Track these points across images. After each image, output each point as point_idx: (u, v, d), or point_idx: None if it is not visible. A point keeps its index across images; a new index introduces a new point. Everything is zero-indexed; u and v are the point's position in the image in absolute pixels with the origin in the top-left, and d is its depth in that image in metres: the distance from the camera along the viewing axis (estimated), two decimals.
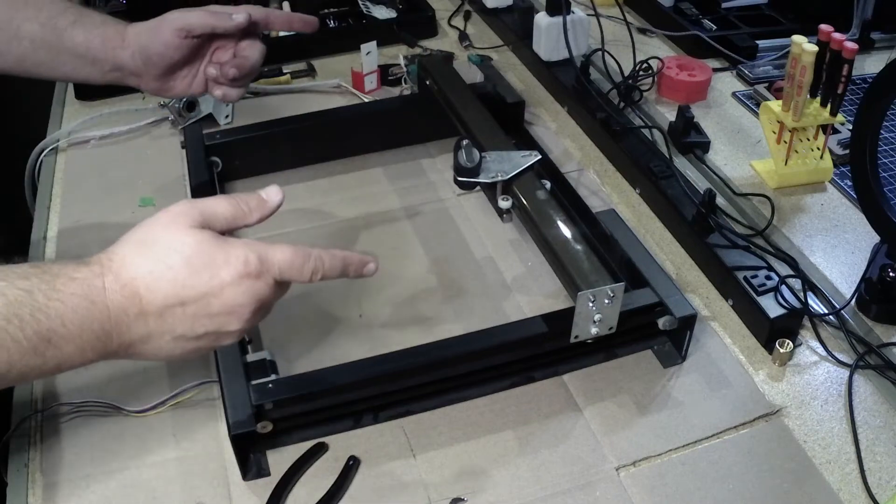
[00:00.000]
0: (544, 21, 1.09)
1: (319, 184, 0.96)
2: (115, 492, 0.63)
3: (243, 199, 0.57)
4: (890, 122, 1.03)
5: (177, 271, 0.52)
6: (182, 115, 1.03)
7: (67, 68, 0.78)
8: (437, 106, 0.96)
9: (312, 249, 0.56)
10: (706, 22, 1.24)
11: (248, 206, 0.57)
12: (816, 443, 0.67)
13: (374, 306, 0.79)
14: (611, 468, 0.65)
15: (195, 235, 0.53)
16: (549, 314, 0.71)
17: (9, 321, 0.47)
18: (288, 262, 0.55)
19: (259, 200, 0.57)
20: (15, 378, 0.48)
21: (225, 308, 0.53)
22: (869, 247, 0.82)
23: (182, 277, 0.51)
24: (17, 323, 0.47)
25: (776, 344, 0.73)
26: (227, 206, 0.56)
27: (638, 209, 0.93)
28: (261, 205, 0.57)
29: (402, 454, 0.66)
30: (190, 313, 0.52)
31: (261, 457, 0.66)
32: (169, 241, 0.52)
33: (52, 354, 0.49)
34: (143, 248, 0.52)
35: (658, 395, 0.71)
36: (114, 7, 1.25)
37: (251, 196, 0.57)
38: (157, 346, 0.53)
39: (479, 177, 0.77)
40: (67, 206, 0.93)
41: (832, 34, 0.81)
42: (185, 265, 0.52)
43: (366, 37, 1.10)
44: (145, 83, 0.81)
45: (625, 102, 1.05)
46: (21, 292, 0.48)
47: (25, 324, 0.47)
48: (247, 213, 0.57)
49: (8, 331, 0.47)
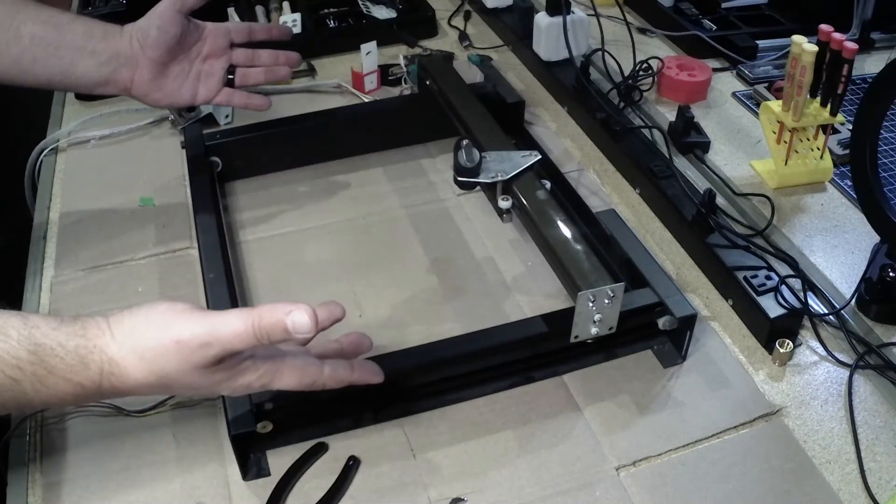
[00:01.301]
0: (544, 21, 1.09)
1: (319, 184, 0.96)
2: (115, 492, 0.63)
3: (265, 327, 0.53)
4: (890, 122, 1.03)
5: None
6: (182, 115, 1.03)
7: (65, 62, 0.78)
8: (437, 106, 0.96)
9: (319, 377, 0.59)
10: (706, 22, 1.24)
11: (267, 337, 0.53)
12: (816, 443, 0.67)
13: (374, 306, 0.79)
14: (611, 468, 0.65)
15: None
16: (549, 314, 0.71)
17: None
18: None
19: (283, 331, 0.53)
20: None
21: (190, 387, 0.55)
22: (869, 247, 0.82)
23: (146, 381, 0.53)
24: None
25: (776, 344, 0.73)
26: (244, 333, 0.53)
27: (638, 209, 0.93)
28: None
29: (402, 454, 0.66)
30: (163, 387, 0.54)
31: (261, 457, 0.66)
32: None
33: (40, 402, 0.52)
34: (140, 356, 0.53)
35: (658, 395, 0.71)
36: (114, 7, 1.25)
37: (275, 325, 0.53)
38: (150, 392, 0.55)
39: (479, 177, 0.77)
40: (67, 206, 0.93)
41: (832, 34, 0.81)
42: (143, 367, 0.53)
43: (366, 37, 1.11)
44: (139, 76, 0.81)
45: (625, 102, 1.05)
46: (8, 380, 0.50)
47: (8, 407, 0.52)
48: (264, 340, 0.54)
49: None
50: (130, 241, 0.87)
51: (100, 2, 1.28)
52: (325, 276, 0.83)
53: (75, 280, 0.83)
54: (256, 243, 0.88)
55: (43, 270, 0.84)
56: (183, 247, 0.86)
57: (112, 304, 0.79)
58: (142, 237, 0.88)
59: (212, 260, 0.78)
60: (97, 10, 1.25)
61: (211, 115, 1.05)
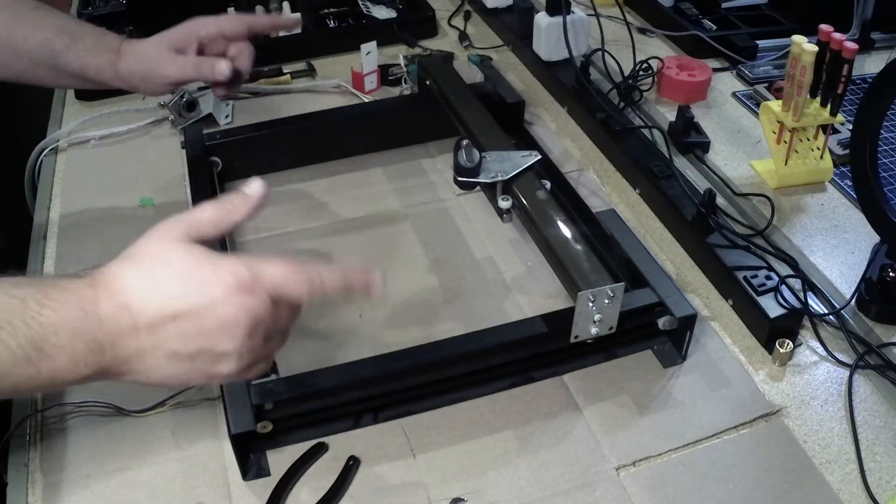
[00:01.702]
0: (544, 21, 1.09)
1: (319, 184, 0.96)
2: (115, 492, 0.63)
3: (227, 198, 0.56)
4: (890, 122, 1.03)
5: (167, 284, 0.51)
6: (182, 115, 1.03)
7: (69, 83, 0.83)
8: (437, 106, 0.96)
9: (310, 263, 0.54)
10: (706, 22, 1.24)
11: (231, 204, 0.56)
12: (816, 443, 0.67)
13: (374, 306, 0.79)
14: (611, 468, 0.65)
15: (186, 249, 0.52)
16: (549, 314, 0.71)
17: (1, 327, 0.47)
18: (281, 275, 0.52)
19: (243, 196, 0.56)
20: (9, 389, 0.48)
21: (217, 323, 0.51)
22: (869, 247, 0.82)
23: (172, 290, 0.50)
24: (10, 329, 0.47)
25: (776, 344, 0.73)
26: (211, 209, 0.55)
27: (638, 209, 0.93)
28: (245, 200, 0.56)
29: (402, 454, 0.66)
30: (182, 328, 0.51)
31: (261, 457, 0.66)
32: (159, 254, 0.52)
33: (46, 365, 0.48)
34: (134, 262, 0.52)
35: (658, 395, 0.71)
36: (114, 7, 1.25)
37: (234, 194, 0.56)
38: (152, 363, 0.51)
39: (479, 177, 0.77)
40: (67, 206, 0.93)
41: (832, 34, 0.81)
42: (175, 278, 0.51)
43: (366, 37, 1.10)
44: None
45: (625, 102, 1.05)
46: (13, 300, 0.48)
47: (17, 331, 0.47)
48: (231, 210, 0.55)
49: (0, 337, 0.47)
50: (130, 241, 0.86)
51: (100, 2, 1.28)
52: None
53: None
54: (256, 243, 0.88)
55: (43, 270, 0.84)
56: None
57: None
58: None
59: None
60: (97, 9, 1.26)
61: (211, 115, 1.05)
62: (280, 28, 0.88)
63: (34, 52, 0.78)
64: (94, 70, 0.81)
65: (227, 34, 0.84)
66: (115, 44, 0.82)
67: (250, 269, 0.51)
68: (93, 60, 0.80)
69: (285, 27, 0.88)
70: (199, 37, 0.83)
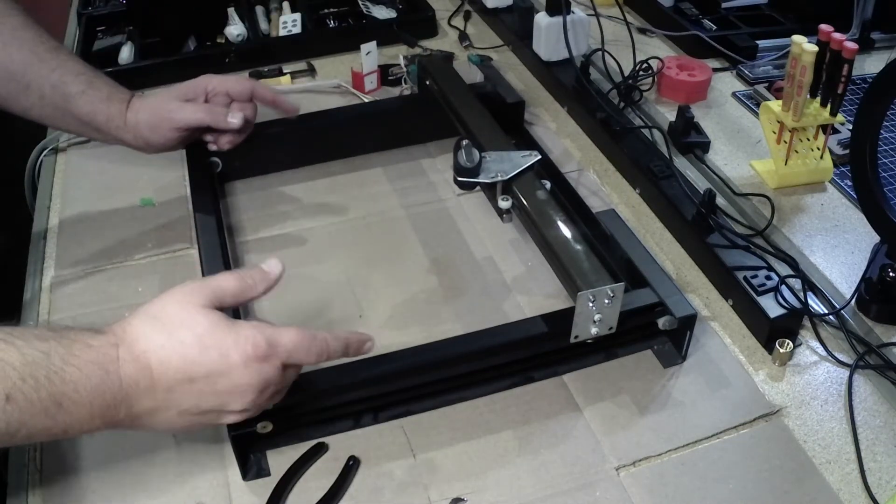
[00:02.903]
0: (544, 21, 1.09)
1: (319, 184, 0.96)
2: (116, 492, 0.63)
3: (248, 273, 0.59)
4: (890, 122, 1.03)
5: (188, 348, 0.53)
6: None
7: (72, 127, 0.84)
8: (437, 106, 0.96)
9: (318, 332, 0.58)
10: (706, 22, 1.24)
11: (252, 279, 0.58)
12: (816, 443, 0.67)
13: (374, 306, 0.79)
14: (611, 468, 0.65)
15: (207, 315, 0.54)
16: (549, 314, 0.71)
17: (24, 380, 0.47)
18: (295, 344, 0.56)
19: (262, 273, 0.59)
20: (23, 438, 0.49)
21: (230, 387, 0.54)
22: (869, 247, 0.82)
23: (193, 354, 0.53)
24: (33, 383, 0.48)
25: (776, 344, 0.73)
26: (234, 281, 0.57)
27: (638, 209, 0.93)
28: (264, 277, 0.59)
29: (402, 454, 0.66)
30: (197, 390, 0.53)
31: (261, 457, 0.66)
32: (182, 318, 0.54)
33: (62, 418, 0.50)
34: (157, 323, 0.53)
35: (658, 395, 0.71)
36: (114, 7, 1.25)
37: (255, 270, 0.59)
38: (163, 418, 0.54)
39: (479, 177, 0.77)
40: (67, 206, 0.93)
41: (832, 34, 0.81)
42: (196, 343, 0.53)
43: (366, 37, 1.10)
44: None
45: (625, 102, 1.05)
46: (39, 353, 0.49)
47: (40, 385, 0.48)
48: (252, 286, 0.58)
49: (23, 390, 0.47)
50: (130, 242, 0.87)
51: (100, 2, 1.28)
52: (325, 276, 0.83)
53: (75, 280, 0.83)
54: (256, 243, 0.88)
55: (43, 270, 0.84)
56: (183, 247, 0.86)
57: (112, 304, 0.79)
58: (142, 237, 0.88)
59: (212, 260, 0.78)
60: (97, 9, 1.25)
61: None
62: (279, 109, 0.91)
63: (47, 90, 0.80)
64: (104, 117, 0.82)
65: (231, 94, 0.88)
66: (125, 95, 0.84)
67: (267, 338, 0.54)
68: (104, 108, 0.82)
69: (285, 111, 0.91)
70: (206, 90, 0.87)
